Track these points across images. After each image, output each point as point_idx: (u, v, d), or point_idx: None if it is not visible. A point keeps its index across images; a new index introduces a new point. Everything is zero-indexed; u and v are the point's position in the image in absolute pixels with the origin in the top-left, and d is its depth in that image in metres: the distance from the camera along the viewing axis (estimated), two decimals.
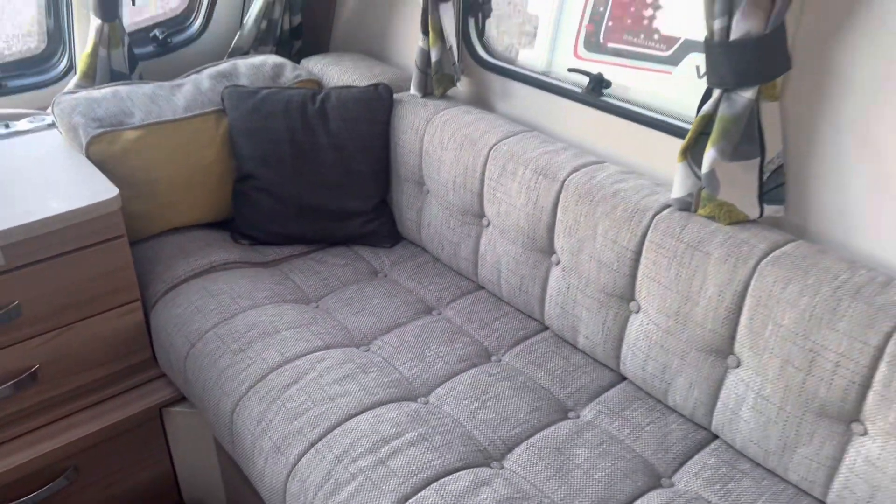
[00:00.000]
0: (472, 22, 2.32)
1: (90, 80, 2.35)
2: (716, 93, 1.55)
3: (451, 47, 2.21)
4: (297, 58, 2.78)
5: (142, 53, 2.65)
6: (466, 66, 2.33)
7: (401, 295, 2.14)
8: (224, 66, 2.46)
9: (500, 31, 2.42)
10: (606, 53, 3.81)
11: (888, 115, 1.42)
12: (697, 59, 3.42)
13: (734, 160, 1.55)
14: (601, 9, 3.71)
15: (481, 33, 2.33)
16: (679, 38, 3.43)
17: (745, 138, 1.55)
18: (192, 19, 2.78)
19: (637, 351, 1.74)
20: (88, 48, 2.29)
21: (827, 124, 1.52)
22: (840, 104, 1.49)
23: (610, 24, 3.73)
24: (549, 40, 3.97)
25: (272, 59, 2.53)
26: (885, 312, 1.33)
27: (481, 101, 2.33)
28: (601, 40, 3.80)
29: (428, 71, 2.27)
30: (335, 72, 2.52)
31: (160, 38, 2.70)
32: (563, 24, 3.87)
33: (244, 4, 2.77)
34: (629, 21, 3.66)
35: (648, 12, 3.57)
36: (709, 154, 1.55)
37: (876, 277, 1.40)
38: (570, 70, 2.10)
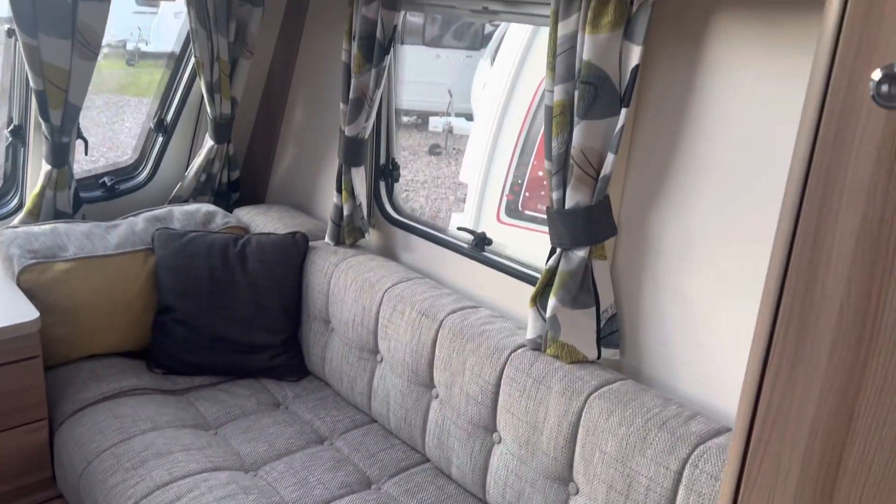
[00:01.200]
0: (383, 184, 2.66)
1: (34, 217, 2.60)
2: (557, 251, 1.84)
3: (360, 204, 2.53)
4: (233, 208, 3.08)
5: (89, 197, 2.92)
6: (377, 220, 2.64)
7: (297, 425, 2.29)
8: (160, 211, 2.74)
9: (407, 194, 2.76)
10: (523, 219, 4.23)
11: (693, 274, 1.72)
12: None
13: (573, 308, 1.82)
14: (519, 181, 4.17)
15: (390, 194, 2.67)
16: None
17: (582, 290, 1.82)
18: (140, 169, 3.09)
19: (498, 479, 1.91)
20: (37, 189, 2.56)
21: (648, 280, 1.81)
22: (656, 263, 1.78)
23: (526, 194, 4.18)
24: (475, 206, 4.40)
25: (206, 207, 2.82)
26: (684, 441, 1.54)
27: (387, 251, 2.62)
28: (519, 208, 4.23)
29: (340, 223, 2.57)
30: (262, 220, 2.82)
31: (108, 184, 2.99)
32: (488, 193, 4.32)
33: (189, 158, 3.11)
34: (542, 193, 4.11)
35: None
36: (551, 302, 1.82)
37: (683, 412, 1.62)
38: (459, 229, 2.41)
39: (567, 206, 1.79)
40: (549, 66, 1.77)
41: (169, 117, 3.00)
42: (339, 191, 2.54)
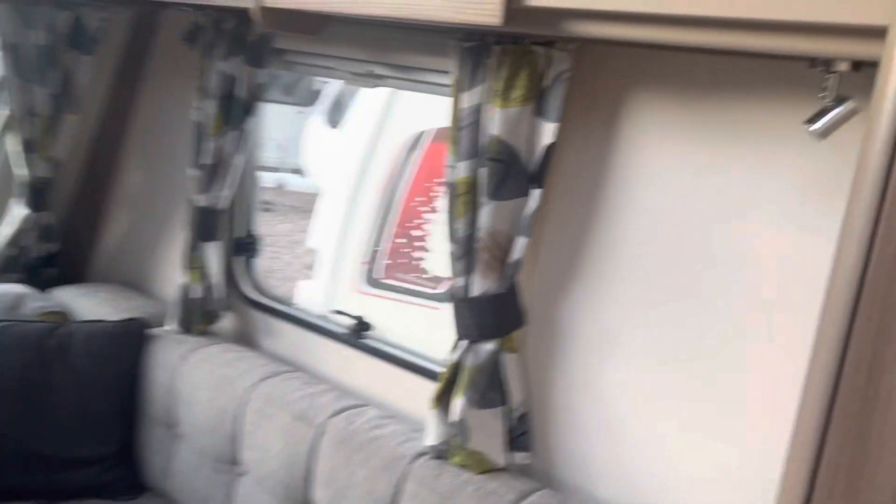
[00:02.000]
0: (239, 261, 2.33)
1: None
2: (462, 344, 1.64)
3: (213, 284, 2.18)
4: (47, 287, 2.57)
5: None
6: (232, 302, 2.29)
7: None
8: None
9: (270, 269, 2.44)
10: (382, 288, 4.01)
11: (609, 366, 1.58)
12: None
13: (482, 408, 1.61)
14: (376, 248, 3.96)
15: (249, 271, 2.34)
16: (445, 278, 3.73)
17: (491, 387, 1.62)
18: None
19: None
20: None
21: (561, 374, 1.65)
22: (570, 355, 1.63)
23: (385, 262, 3.98)
24: (328, 274, 4.11)
25: (15, 288, 2.33)
26: None
27: (246, 338, 2.28)
28: (377, 277, 4.01)
29: (188, 307, 2.20)
30: (88, 304, 2.36)
31: None
32: (343, 261, 4.06)
33: None
34: (402, 261, 3.93)
35: (417, 254, 3.88)
36: (458, 402, 1.60)
37: None
38: (335, 312, 2.13)
39: (474, 294, 1.60)
40: (452, 139, 1.59)
41: None
42: (188, 269, 2.18)
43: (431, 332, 3.49)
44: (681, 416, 1.50)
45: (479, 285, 1.59)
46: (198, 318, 2.19)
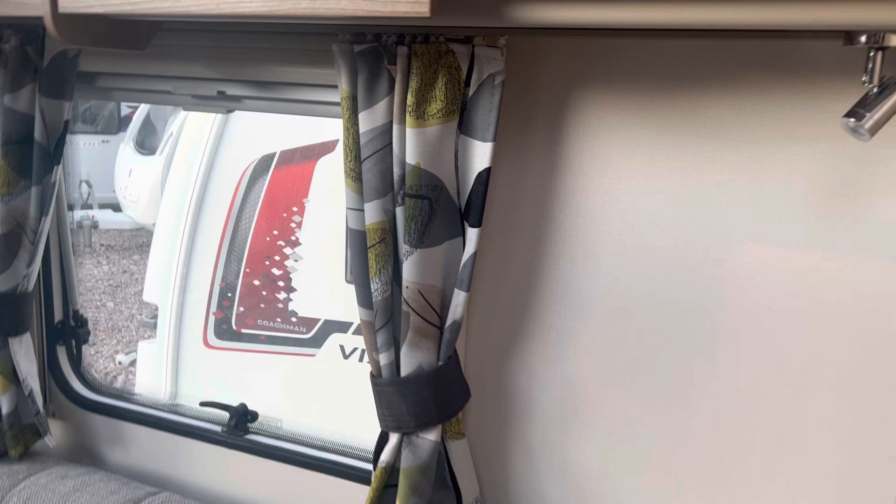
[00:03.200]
0: (61, 351, 1.78)
1: None
2: (394, 438, 1.25)
3: (30, 391, 1.63)
4: None
5: None
6: (59, 407, 1.74)
7: None
8: None
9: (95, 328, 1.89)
10: (240, 340, 3.49)
11: (576, 437, 1.27)
12: (340, 339, 3.30)
13: None
14: (229, 294, 3.44)
15: (77, 363, 1.79)
16: (318, 320, 3.30)
17: (438, 487, 1.26)
18: None
19: None
20: None
21: (519, 452, 1.32)
22: (528, 429, 1.31)
23: (241, 309, 3.46)
24: (172, 330, 3.52)
25: None
26: None
27: (86, 452, 1.74)
28: (234, 327, 3.49)
29: None
30: None
31: None
32: (188, 313, 3.48)
33: None
34: (262, 306, 3.44)
35: (282, 295, 3.40)
36: None
37: None
38: (203, 404, 1.66)
39: (404, 373, 1.22)
40: (350, 174, 1.20)
41: None
42: None
43: (317, 392, 3.06)
44: (665, 490, 1.22)
45: (410, 360, 1.22)
46: (13, 438, 1.62)
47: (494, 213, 1.26)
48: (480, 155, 1.16)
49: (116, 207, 8.22)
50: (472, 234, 1.18)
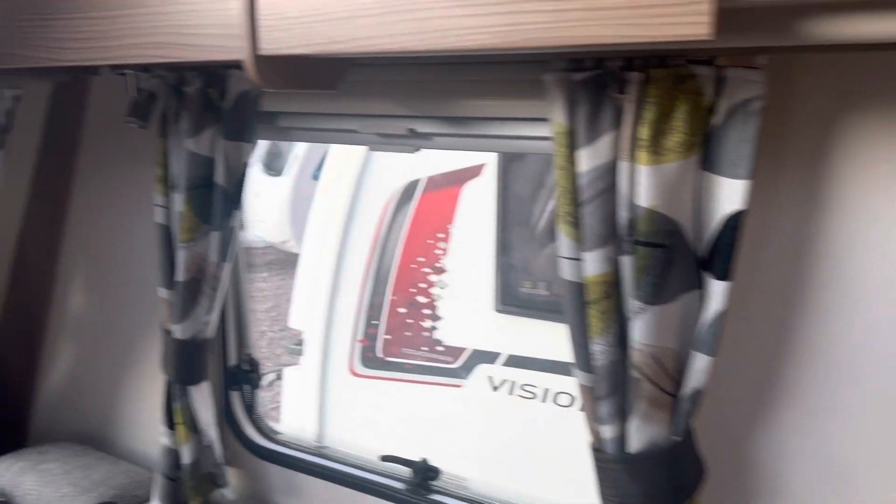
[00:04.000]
0: (235, 397, 1.74)
1: None
2: None
3: (209, 441, 1.58)
4: None
5: None
6: (235, 455, 1.70)
7: None
8: None
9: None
10: (385, 369, 3.43)
11: None
12: (488, 371, 3.17)
13: None
14: (374, 322, 3.39)
15: (251, 409, 1.75)
16: (466, 349, 3.19)
17: None
18: None
19: None
20: None
21: None
22: None
23: (387, 337, 3.41)
24: (318, 358, 3.51)
25: None
26: None
27: (261, 502, 1.68)
28: (379, 355, 3.44)
29: (178, 476, 1.60)
30: (34, 483, 1.72)
31: None
32: (334, 341, 3.46)
33: None
34: (408, 334, 3.37)
35: (427, 324, 3.31)
36: None
37: None
38: (385, 459, 1.56)
39: (634, 449, 1.06)
40: (566, 219, 1.05)
41: None
42: (171, 425, 1.58)
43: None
44: None
45: (642, 435, 1.05)
46: (193, 489, 1.59)
47: (744, 262, 1.07)
48: (729, 194, 0.98)
49: (243, 226, 8.46)
50: (718, 287, 1.00)
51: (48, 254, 1.94)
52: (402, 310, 3.25)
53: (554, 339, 2.89)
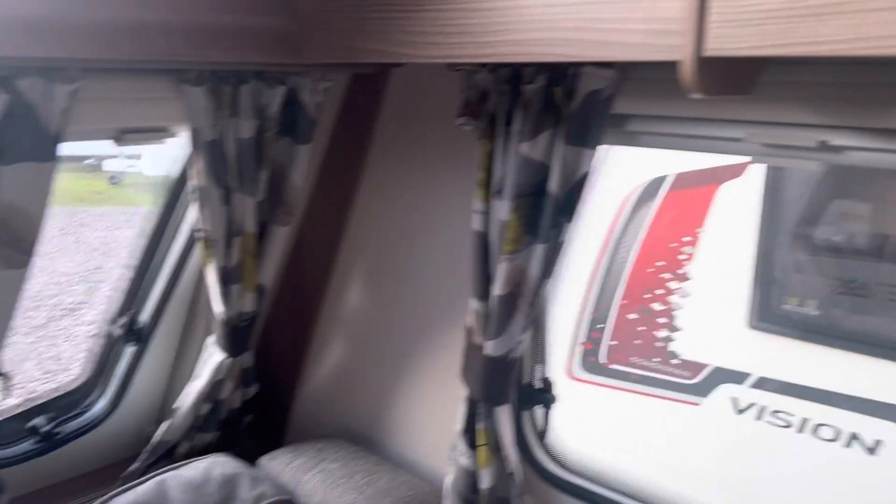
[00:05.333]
0: (527, 418, 1.61)
1: None
2: None
3: (511, 470, 1.46)
4: (249, 442, 1.95)
5: (10, 457, 1.75)
6: (528, 485, 1.57)
7: None
8: (145, 490, 1.59)
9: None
10: (609, 376, 3.24)
11: None
12: (733, 392, 2.89)
13: None
14: (600, 325, 3.21)
15: (543, 434, 1.62)
16: (707, 366, 2.93)
17: None
18: (93, 398, 1.94)
19: None
20: None
21: None
22: None
23: (613, 343, 3.21)
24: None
25: (218, 467, 1.69)
26: None
27: None
28: (602, 361, 3.25)
29: (474, 500, 1.50)
30: (316, 482, 1.70)
31: (42, 429, 1.83)
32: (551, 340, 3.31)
33: (173, 372, 1.98)
34: (637, 342, 3.15)
35: (662, 333, 3.08)
36: None
37: None
38: None
39: None
40: None
41: (145, 318, 1.88)
42: (472, 445, 1.48)
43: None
44: None
45: None
46: None
47: None
48: None
49: None
50: None
51: (327, 249, 1.91)
52: (632, 316, 3.04)
53: (821, 365, 2.58)
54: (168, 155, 1.70)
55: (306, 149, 1.61)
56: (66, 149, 1.23)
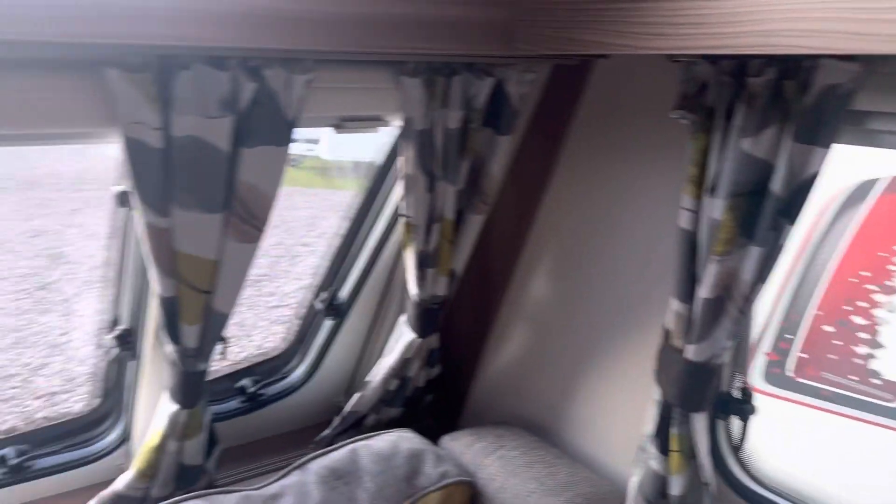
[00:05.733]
0: (720, 427, 1.54)
1: (146, 479, 1.59)
2: None
3: (707, 481, 1.41)
4: (428, 421, 2.03)
5: (221, 412, 1.94)
6: (720, 498, 1.50)
7: None
8: (338, 456, 1.70)
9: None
10: (795, 390, 3.02)
11: None
12: None
13: None
14: (787, 335, 3.00)
15: (737, 446, 1.54)
16: None
17: None
18: (292, 365, 2.09)
19: None
20: (154, 440, 1.56)
21: None
22: None
23: (802, 355, 2.99)
24: None
25: (405, 442, 1.76)
26: None
27: None
28: (788, 373, 3.04)
29: None
30: (496, 468, 1.73)
31: (249, 390, 2.00)
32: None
33: (363, 351, 2.10)
34: (832, 356, 2.91)
35: (862, 349, 2.82)
36: None
37: None
38: None
39: None
40: None
41: (343, 294, 2.00)
42: (664, 451, 1.44)
43: None
44: None
45: None
46: None
47: None
48: None
49: None
50: None
51: (514, 237, 1.93)
52: (828, 328, 2.81)
53: None
54: (343, 141, 1.77)
55: (507, 140, 1.63)
56: None
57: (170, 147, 1.21)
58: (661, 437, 1.43)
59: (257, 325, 5.40)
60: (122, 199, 1.42)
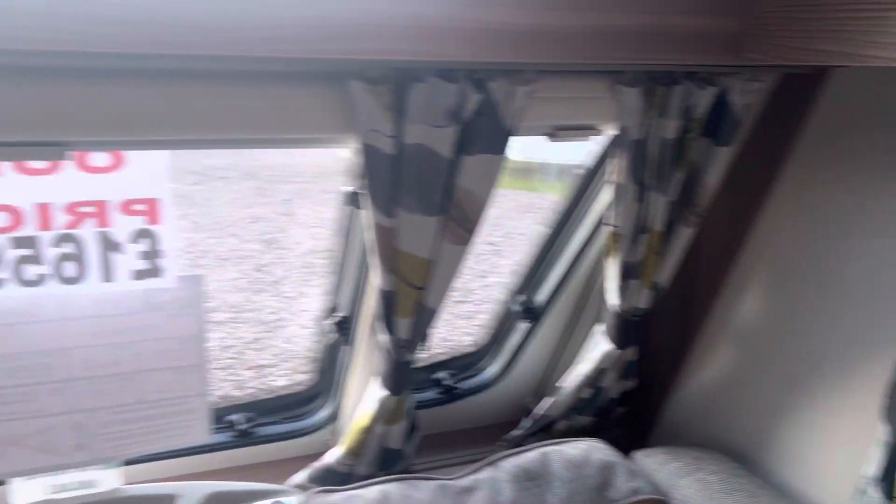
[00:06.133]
0: None
1: (354, 457, 1.73)
2: None
3: None
4: (617, 433, 2.00)
5: (420, 401, 2.04)
6: None
7: None
8: (530, 458, 1.73)
9: None
10: None
11: None
12: None
13: None
14: None
15: None
16: None
17: None
18: (485, 362, 2.16)
19: None
20: (364, 422, 1.68)
21: None
22: None
23: None
24: None
25: (597, 452, 1.75)
26: None
27: None
28: None
29: None
30: (692, 491, 1.67)
31: (444, 383, 2.09)
32: None
33: (557, 352, 2.11)
34: None
35: None
36: None
37: None
38: None
39: None
40: None
41: (540, 298, 2.03)
42: (890, 496, 1.31)
43: None
44: None
45: None
46: None
47: None
48: None
49: None
50: None
51: (725, 252, 1.84)
52: None
53: None
54: (532, 142, 1.74)
55: (726, 151, 1.57)
56: None
57: (400, 154, 1.31)
58: (888, 481, 1.31)
59: (443, 318, 5.63)
60: (351, 198, 1.55)
